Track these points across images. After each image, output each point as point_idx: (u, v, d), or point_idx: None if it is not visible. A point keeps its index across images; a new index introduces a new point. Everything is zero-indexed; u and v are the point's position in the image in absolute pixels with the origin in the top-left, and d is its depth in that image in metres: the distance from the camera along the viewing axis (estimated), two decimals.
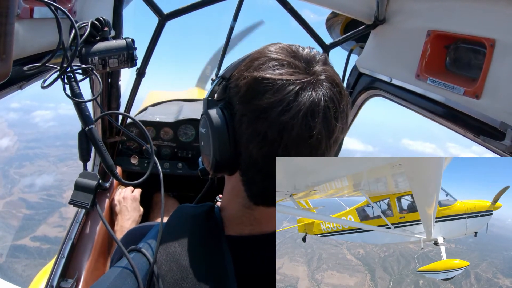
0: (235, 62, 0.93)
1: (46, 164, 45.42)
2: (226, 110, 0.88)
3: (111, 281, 0.86)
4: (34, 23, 1.13)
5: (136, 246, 0.94)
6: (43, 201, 34.77)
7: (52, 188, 38.26)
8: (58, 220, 31.57)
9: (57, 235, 29.14)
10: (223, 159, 0.89)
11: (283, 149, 0.81)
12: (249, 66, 0.87)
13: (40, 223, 30.96)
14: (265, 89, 0.81)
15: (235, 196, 0.96)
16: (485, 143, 1.30)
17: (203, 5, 1.94)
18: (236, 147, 0.88)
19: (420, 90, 1.66)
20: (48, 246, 27.66)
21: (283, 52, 0.87)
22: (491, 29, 1.30)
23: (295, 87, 0.81)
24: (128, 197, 2.48)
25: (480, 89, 1.32)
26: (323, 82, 0.84)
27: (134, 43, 1.36)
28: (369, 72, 2.14)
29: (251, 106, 0.83)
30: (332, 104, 0.84)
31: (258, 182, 0.87)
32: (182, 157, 3.00)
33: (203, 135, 0.95)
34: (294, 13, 2.09)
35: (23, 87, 1.19)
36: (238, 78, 0.88)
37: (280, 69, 0.83)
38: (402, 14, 1.86)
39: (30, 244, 27.75)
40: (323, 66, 0.87)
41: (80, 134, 1.13)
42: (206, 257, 0.88)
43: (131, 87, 2.24)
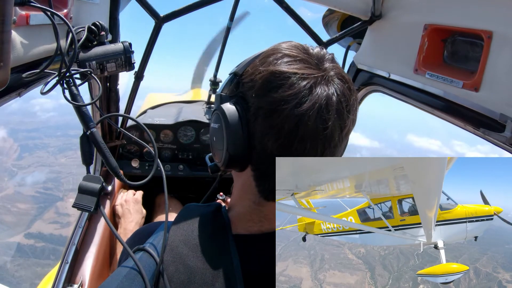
0: (248, 59, 0.95)
1: (45, 155, 44.71)
2: (239, 105, 0.90)
3: (119, 282, 0.87)
4: (31, 30, 1.13)
5: (142, 246, 0.95)
6: (39, 195, 34.15)
7: (50, 181, 37.66)
8: (54, 216, 30.95)
9: (52, 232, 28.51)
10: (236, 154, 0.90)
11: (299, 140, 0.84)
12: (264, 61, 0.89)
13: (36, 219, 30.38)
14: (281, 83, 0.84)
15: (245, 192, 0.97)
16: (485, 135, 1.30)
17: (199, 7, 1.94)
18: (250, 141, 0.89)
19: (419, 84, 1.66)
20: (42, 244, 27.05)
21: (295, 49, 0.90)
22: (488, 21, 1.30)
23: (310, 81, 0.84)
24: (130, 200, 2.48)
25: (479, 81, 1.32)
26: (334, 78, 0.87)
27: (131, 46, 1.36)
28: (367, 68, 2.14)
29: (267, 99, 0.85)
30: (344, 98, 0.87)
31: (271, 175, 0.87)
32: (182, 158, 3.01)
33: (215, 131, 0.96)
34: (290, 11, 2.09)
35: (22, 94, 1.19)
36: (253, 73, 0.89)
37: (295, 64, 0.86)
38: (398, 9, 1.86)
39: (24, 242, 27.15)
40: (332, 63, 0.90)
41: (82, 137, 1.13)
42: (212, 257, 0.89)
43: (130, 91, 2.24)
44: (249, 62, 0.94)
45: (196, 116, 3.05)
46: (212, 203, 1.04)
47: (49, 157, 44.62)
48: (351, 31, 2.15)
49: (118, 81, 2.12)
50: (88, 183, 1.08)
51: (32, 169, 40.76)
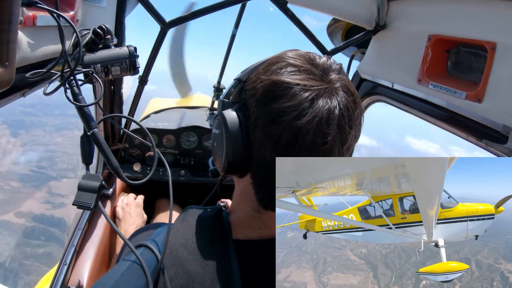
0: (253, 65, 0.95)
1: (42, 133, 43.95)
2: (241, 112, 0.89)
3: (120, 275, 0.87)
4: (37, 31, 1.14)
5: (143, 242, 0.94)
6: (32, 174, 33.51)
7: (44, 159, 37.10)
8: (46, 195, 30.41)
9: (44, 212, 27.90)
10: (235, 160, 0.89)
11: (296, 153, 0.83)
12: (267, 69, 0.88)
13: (27, 197, 29.84)
14: (282, 93, 0.83)
15: (244, 199, 0.96)
16: (488, 146, 1.29)
17: (205, 13, 1.96)
18: (249, 148, 0.88)
19: (422, 94, 1.66)
20: (33, 224, 26.44)
21: (300, 58, 0.88)
22: (492, 32, 1.31)
23: (312, 94, 0.82)
24: (131, 203, 2.47)
25: (482, 92, 1.32)
26: (338, 91, 0.85)
27: (136, 50, 1.37)
28: (371, 77, 2.15)
29: (267, 109, 0.84)
30: (347, 112, 0.85)
31: (269, 183, 0.87)
32: (184, 164, 3.01)
33: (216, 136, 0.95)
34: (295, 20, 2.10)
35: (26, 95, 1.20)
36: (255, 81, 0.89)
37: (298, 74, 0.84)
38: (402, 19, 1.87)
39: (14, 220, 26.71)
40: (339, 75, 0.88)
41: (83, 137, 1.14)
42: (212, 262, 0.88)
43: (134, 94, 2.25)
44: (253, 68, 0.93)
45: (199, 122, 3.05)
46: (213, 207, 1.04)
47: (46, 136, 43.71)
48: (356, 41, 2.16)
49: (122, 84, 2.13)
50: (87, 181, 1.08)
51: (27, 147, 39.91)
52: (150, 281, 0.85)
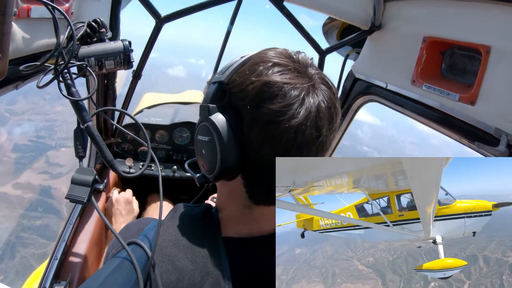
0: (231, 66, 0.92)
1: (41, 102, 42.61)
2: (230, 115, 0.88)
3: (110, 272, 0.86)
4: (31, 23, 1.12)
5: (134, 240, 0.94)
6: (31, 144, 32.15)
7: (43, 129, 35.90)
8: (44, 165, 29.34)
9: (41, 183, 27.00)
10: (230, 165, 0.88)
11: (296, 149, 0.84)
12: (253, 70, 0.87)
13: (25, 168, 28.93)
14: (275, 93, 0.83)
15: (233, 198, 0.96)
16: (480, 149, 1.31)
17: (201, 8, 1.95)
18: (244, 151, 0.87)
19: (416, 96, 1.67)
20: (30, 195, 25.50)
21: (284, 57, 0.89)
22: (487, 35, 1.32)
23: (301, 91, 0.84)
24: (121, 200, 2.44)
25: (475, 95, 1.33)
26: (320, 85, 0.88)
27: (131, 45, 1.36)
28: (365, 77, 2.16)
29: (263, 110, 0.84)
30: (331, 104, 0.88)
31: (264, 181, 0.88)
32: (177, 159, 3.00)
33: (204, 143, 0.91)
34: (291, 18, 2.10)
35: (19, 87, 1.18)
36: (243, 83, 0.87)
37: (286, 73, 0.86)
38: (398, 20, 1.87)
39: (12, 192, 25.96)
40: (316, 70, 0.92)
41: (76, 130, 1.13)
42: (201, 259, 0.88)
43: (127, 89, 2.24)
44: (235, 69, 0.91)
45: (193, 117, 3.04)
46: (202, 204, 1.04)
47: (45, 105, 42.40)
48: (351, 40, 2.16)
49: (116, 78, 2.11)
50: (81, 175, 1.07)
51: (26, 116, 38.73)
52: (140, 278, 0.84)
